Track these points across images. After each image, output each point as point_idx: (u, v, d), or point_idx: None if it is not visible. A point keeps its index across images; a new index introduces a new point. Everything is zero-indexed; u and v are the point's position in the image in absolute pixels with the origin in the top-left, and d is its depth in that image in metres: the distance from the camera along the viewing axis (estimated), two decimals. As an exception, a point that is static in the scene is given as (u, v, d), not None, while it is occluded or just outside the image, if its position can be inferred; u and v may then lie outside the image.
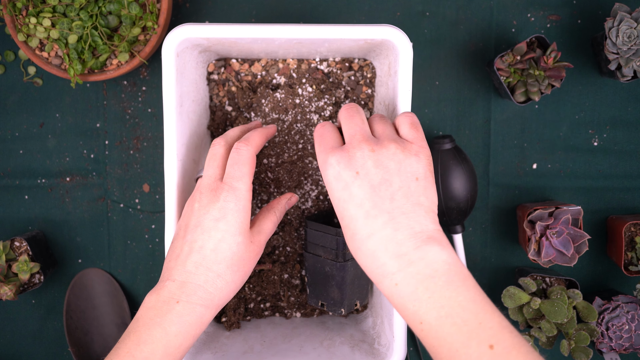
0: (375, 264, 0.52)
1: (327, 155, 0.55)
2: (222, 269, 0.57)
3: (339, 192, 0.54)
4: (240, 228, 0.58)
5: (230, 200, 0.58)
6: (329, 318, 0.82)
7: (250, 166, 0.60)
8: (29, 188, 0.85)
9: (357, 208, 0.53)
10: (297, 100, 0.78)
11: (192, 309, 0.55)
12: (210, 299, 0.56)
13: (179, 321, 0.55)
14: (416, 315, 0.50)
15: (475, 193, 0.81)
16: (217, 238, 0.57)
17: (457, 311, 0.48)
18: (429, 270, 0.50)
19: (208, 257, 0.57)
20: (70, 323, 0.85)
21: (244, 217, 0.58)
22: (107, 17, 0.75)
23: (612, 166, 0.86)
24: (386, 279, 0.51)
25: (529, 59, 0.79)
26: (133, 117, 0.85)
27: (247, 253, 0.59)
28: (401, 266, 0.51)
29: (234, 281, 0.58)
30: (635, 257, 0.81)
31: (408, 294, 0.50)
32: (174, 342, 0.55)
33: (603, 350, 0.80)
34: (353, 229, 0.53)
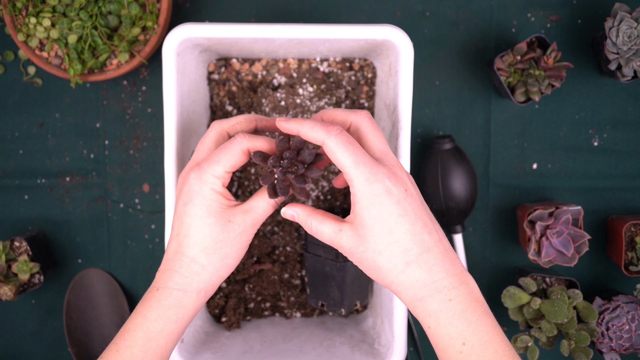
0: (431, 278, 0.52)
1: (373, 167, 0.53)
2: (194, 252, 0.57)
3: (391, 207, 0.52)
4: (210, 209, 0.57)
5: (195, 183, 0.57)
6: (329, 318, 0.82)
7: (233, 156, 0.57)
8: (29, 188, 0.85)
9: (413, 223, 0.53)
10: (297, 100, 0.78)
11: (169, 294, 0.56)
12: (187, 283, 0.56)
13: (157, 306, 0.56)
14: (461, 336, 0.51)
15: (475, 193, 0.81)
16: (187, 223, 0.57)
17: (497, 340, 0.51)
18: (475, 295, 0.53)
19: (182, 243, 0.57)
20: (70, 323, 0.85)
21: (212, 198, 0.57)
22: (107, 17, 0.75)
23: (612, 166, 0.86)
24: (440, 294, 0.52)
25: (529, 59, 0.79)
26: (133, 117, 0.85)
27: (223, 234, 0.57)
28: (455, 283, 0.52)
29: (211, 264, 0.57)
30: (636, 257, 0.81)
31: (459, 312, 0.51)
32: (154, 327, 0.55)
33: (603, 351, 0.80)
34: (408, 244, 0.53)
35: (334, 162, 0.54)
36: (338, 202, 0.81)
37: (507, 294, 0.77)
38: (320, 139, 0.54)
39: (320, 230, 0.56)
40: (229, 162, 0.57)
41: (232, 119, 0.62)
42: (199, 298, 0.57)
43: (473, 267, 0.87)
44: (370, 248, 0.53)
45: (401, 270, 0.53)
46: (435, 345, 0.53)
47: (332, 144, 0.53)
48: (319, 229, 0.56)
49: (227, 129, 0.61)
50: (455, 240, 0.84)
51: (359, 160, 0.53)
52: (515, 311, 0.78)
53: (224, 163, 0.57)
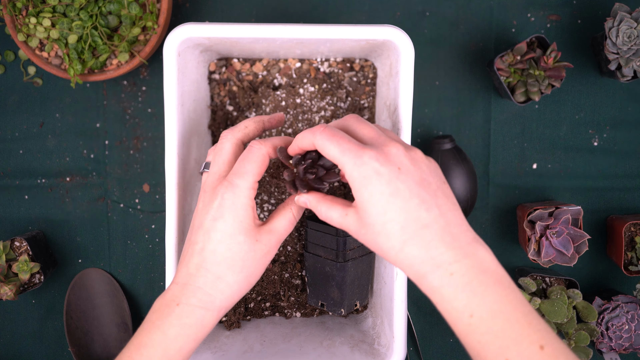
0: (429, 254, 0.51)
1: (357, 152, 0.53)
2: (222, 270, 0.56)
3: (382, 187, 0.52)
4: (240, 227, 0.56)
5: (228, 198, 0.56)
6: (329, 318, 0.82)
7: (258, 165, 0.57)
8: (29, 188, 0.85)
9: (407, 201, 0.52)
10: (298, 100, 0.78)
11: (192, 312, 0.55)
12: (211, 301, 0.55)
13: (178, 324, 0.55)
14: (467, 308, 0.50)
15: (475, 193, 0.81)
16: (216, 239, 0.56)
17: (509, 308, 0.49)
18: (483, 266, 0.51)
19: (208, 258, 0.56)
20: (70, 323, 0.85)
21: (244, 215, 0.56)
22: (107, 17, 0.75)
23: (612, 166, 0.86)
24: (440, 269, 0.51)
25: (529, 59, 0.79)
26: (133, 117, 0.85)
27: (251, 253, 0.57)
28: (457, 257, 0.51)
29: (237, 282, 0.56)
30: (635, 257, 0.81)
31: (462, 285, 0.50)
32: (173, 345, 0.54)
33: (603, 350, 0.80)
34: (403, 222, 0.52)
35: (326, 157, 0.55)
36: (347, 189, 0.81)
37: (507, 294, 0.77)
38: (311, 142, 0.55)
39: (330, 216, 0.57)
40: (256, 170, 0.57)
41: (241, 125, 0.62)
42: (218, 317, 0.56)
43: (473, 267, 0.87)
44: (370, 230, 0.53)
45: (399, 249, 0.52)
46: (447, 320, 0.52)
47: (319, 140, 0.54)
48: (328, 214, 0.57)
49: (241, 138, 0.61)
50: (455, 240, 0.84)
51: (344, 147, 0.53)
52: (515, 311, 0.78)
53: (252, 172, 0.57)
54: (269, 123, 0.63)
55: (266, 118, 0.64)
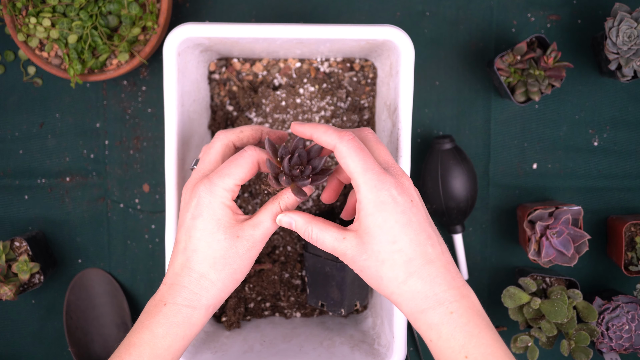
0: (433, 290, 0.52)
1: (380, 175, 0.53)
2: (204, 268, 0.55)
3: (397, 215, 0.52)
4: (219, 225, 0.56)
5: (205, 197, 0.56)
6: (329, 318, 0.82)
7: (244, 170, 0.56)
8: (29, 188, 0.85)
9: (417, 234, 0.53)
10: (298, 100, 0.78)
11: (178, 310, 0.55)
12: (197, 300, 0.55)
13: (165, 322, 0.55)
14: (464, 349, 0.51)
15: (475, 193, 0.81)
16: (197, 237, 0.56)
17: (500, 353, 0.51)
18: (476, 308, 0.53)
19: (191, 257, 0.56)
20: (70, 323, 0.85)
21: (221, 213, 0.56)
22: (107, 17, 0.75)
23: (612, 166, 0.86)
24: (442, 306, 0.52)
25: (529, 59, 0.79)
26: (133, 117, 0.85)
27: (232, 250, 0.56)
28: (456, 297, 0.52)
29: (220, 280, 0.56)
30: (635, 257, 0.81)
31: (461, 325, 0.51)
32: (161, 344, 0.55)
33: (603, 350, 0.80)
34: (411, 254, 0.52)
35: (343, 167, 0.54)
36: (338, 202, 0.81)
37: (507, 294, 0.77)
38: (332, 143, 0.54)
39: (322, 238, 0.55)
40: (239, 175, 0.56)
41: (237, 129, 0.61)
42: (207, 314, 0.57)
43: (473, 267, 0.87)
44: (373, 256, 0.53)
45: (403, 281, 0.52)
46: (438, 358, 0.53)
47: (344, 148, 0.53)
48: (320, 236, 0.56)
49: (234, 140, 0.60)
50: (455, 240, 0.84)
51: (368, 167, 0.53)
52: (515, 311, 0.78)
53: (234, 176, 0.56)
54: (267, 135, 0.62)
55: (266, 130, 0.62)
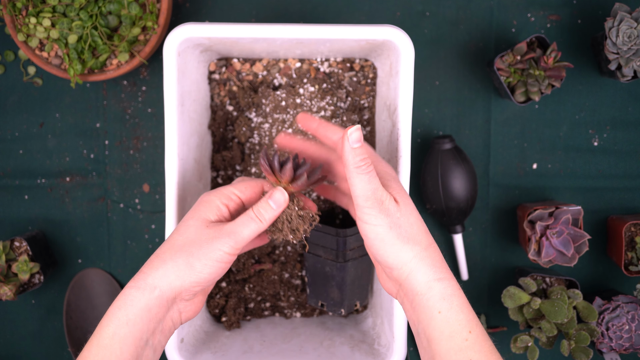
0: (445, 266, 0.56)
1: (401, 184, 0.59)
2: (163, 250, 0.56)
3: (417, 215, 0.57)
4: (199, 216, 0.57)
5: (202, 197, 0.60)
6: (329, 318, 0.82)
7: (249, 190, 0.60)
8: (29, 188, 0.85)
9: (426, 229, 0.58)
10: (298, 100, 0.78)
11: (122, 293, 0.54)
12: (143, 279, 0.54)
13: (110, 310, 0.54)
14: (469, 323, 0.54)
15: (475, 193, 0.81)
16: (175, 228, 0.59)
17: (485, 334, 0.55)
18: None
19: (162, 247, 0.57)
20: (70, 323, 0.85)
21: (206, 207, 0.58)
22: (107, 17, 0.75)
23: (612, 166, 0.86)
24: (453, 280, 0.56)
25: (529, 59, 0.79)
26: (133, 117, 0.85)
27: (195, 235, 0.56)
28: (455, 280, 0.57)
29: (173, 259, 0.55)
30: (636, 257, 0.81)
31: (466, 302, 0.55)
32: (105, 332, 0.53)
33: (603, 350, 0.80)
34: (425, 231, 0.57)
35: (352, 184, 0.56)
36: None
37: (507, 294, 0.77)
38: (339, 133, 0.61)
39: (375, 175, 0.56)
40: (241, 188, 0.59)
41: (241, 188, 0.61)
42: (152, 297, 0.54)
43: (473, 267, 0.87)
44: (406, 217, 0.56)
45: (425, 247, 0.56)
46: (441, 333, 0.53)
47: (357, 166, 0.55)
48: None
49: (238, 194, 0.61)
50: (455, 240, 0.84)
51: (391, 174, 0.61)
52: (515, 311, 0.78)
53: (236, 187, 0.59)
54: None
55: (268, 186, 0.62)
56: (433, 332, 0.54)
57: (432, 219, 0.86)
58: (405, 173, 0.68)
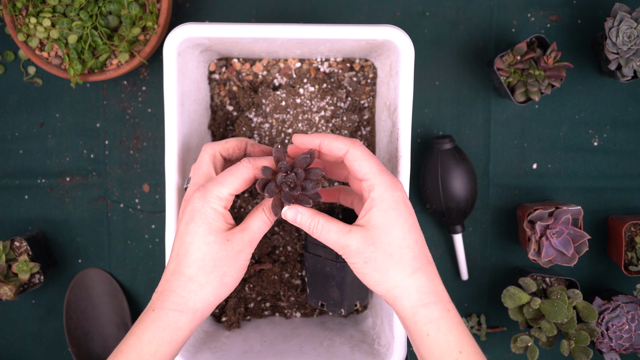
0: (434, 288, 0.56)
1: (394, 178, 0.58)
2: (193, 271, 0.56)
3: (408, 215, 0.57)
4: (210, 228, 0.57)
5: (199, 202, 0.57)
6: (329, 318, 0.82)
7: (239, 180, 0.58)
8: (29, 188, 0.85)
9: (420, 235, 0.57)
10: (298, 100, 0.78)
11: (165, 314, 0.55)
12: (184, 303, 0.56)
13: (151, 327, 0.55)
14: (459, 344, 0.55)
15: (475, 193, 0.81)
16: (188, 241, 0.57)
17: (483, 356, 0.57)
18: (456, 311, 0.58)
19: (181, 262, 0.57)
20: (70, 323, 0.85)
21: (213, 217, 0.57)
22: (107, 17, 0.75)
23: (612, 166, 0.86)
24: (441, 303, 0.56)
25: (529, 59, 0.79)
26: (133, 117, 0.85)
27: (222, 252, 0.57)
28: (449, 298, 0.57)
29: (209, 282, 0.56)
30: (635, 257, 0.81)
31: (456, 322, 0.56)
32: (147, 349, 0.55)
33: (603, 350, 0.80)
34: (417, 252, 0.56)
35: (356, 168, 0.57)
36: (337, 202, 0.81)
37: (507, 294, 0.77)
38: (345, 148, 0.57)
39: (327, 229, 0.57)
40: (233, 185, 0.57)
41: (222, 140, 0.63)
42: (195, 319, 0.57)
43: (473, 267, 0.87)
44: (381, 249, 0.56)
45: (409, 274, 0.56)
46: (431, 354, 0.55)
47: (358, 152, 0.57)
48: (326, 228, 0.57)
49: (219, 150, 0.62)
50: (455, 240, 0.84)
51: (382, 169, 0.57)
52: (515, 311, 0.78)
53: (228, 185, 0.57)
54: (251, 148, 0.64)
55: (251, 142, 0.64)
56: (425, 354, 0.56)
57: (432, 219, 0.86)
58: (405, 173, 0.68)
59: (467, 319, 0.86)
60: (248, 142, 0.64)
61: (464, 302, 0.87)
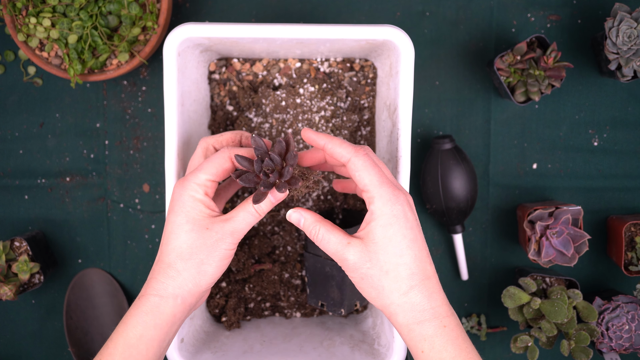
0: (430, 304, 0.55)
1: (395, 190, 0.56)
2: (172, 259, 0.58)
3: (406, 230, 0.55)
4: (188, 216, 0.58)
5: (177, 192, 0.58)
6: (329, 318, 0.82)
7: (216, 165, 0.58)
8: (29, 188, 0.85)
9: (420, 250, 0.56)
10: (298, 100, 0.78)
11: (147, 300, 0.57)
12: (163, 288, 0.57)
13: (135, 312, 0.57)
14: None
15: (475, 193, 0.81)
16: (168, 231, 0.58)
17: None
18: (461, 326, 0.56)
19: (162, 251, 0.59)
20: (70, 323, 0.85)
21: (191, 204, 0.58)
22: (107, 17, 0.75)
23: (612, 166, 0.86)
24: (437, 320, 0.55)
25: (529, 59, 0.79)
26: (133, 117, 0.85)
27: (199, 240, 0.57)
28: (448, 313, 0.56)
29: (186, 269, 0.57)
30: (635, 257, 0.81)
31: (452, 338, 0.55)
32: (132, 333, 0.56)
33: (603, 350, 0.80)
34: (414, 269, 0.55)
35: (357, 179, 0.56)
36: (338, 202, 0.81)
37: (507, 294, 0.77)
38: (347, 156, 0.56)
39: (327, 239, 0.57)
40: (210, 170, 0.58)
41: (218, 134, 0.64)
42: (176, 305, 0.58)
43: (473, 267, 0.87)
44: (377, 266, 0.55)
45: (404, 292, 0.55)
46: None
47: (360, 162, 0.56)
48: (326, 237, 0.57)
49: (213, 143, 0.63)
50: (455, 240, 0.84)
51: (383, 181, 0.55)
52: (515, 311, 0.78)
53: (206, 170, 0.58)
54: (246, 140, 0.65)
55: (246, 134, 0.65)
56: None
57: (432, 219, 0.86)
58: (405, 173, 0.68)
59: (467, 319, 0.86)
60: (243, 134, 0.65)
61: (464, 302, 0.87)
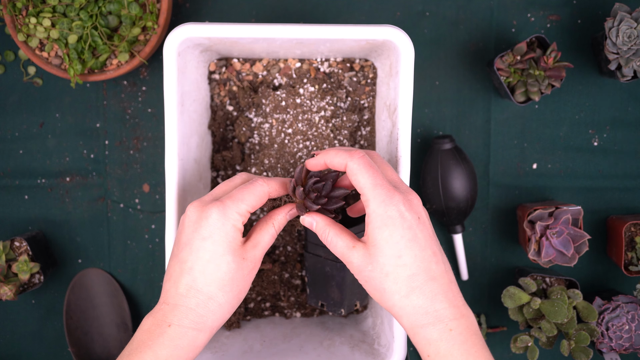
0: (434, 307, 0.54)
1: (389, 191, 0.55)
2: (213, 290, 0.56)
3: (404, 230, 0.54)
4: (229, 247, 0.56)
5: (218, 218, 0.56)
6: (329, 318, 0.82)
7: (256, 198, 0.58)
8: (29, 188, 0.85)
9: (422, 250, 0.54)
10: (298, 100, 0.78)
11: (184, 333, 0.55)
12: (203, 322, 0.56)
13: (170, 345, 0.55)
14: None
15: (475, 193, 0.81)
16: (205, 259, 0.56)
17: None
18: (473, 328, 0.54)
19: (198, 279, 0.56)
20: (70, 323, 0.85)
21: (233, 235, 0.56)
22: (107, 17, 0.75)
23: (612, 166, 0.86)
24: (441, 323, 0.53)
25: (529, 59, 0.79)
26: (133, 117, 0.85)
27: (239, 272, 0.57)
28: (456, 315, 0.54)
29: (228, 302, 0.57)
30: (635, 257, 0.81)
31: (459, 342, 0.53)
32: None
33: (603, 351, 0.80)
34: (415, 269, 0.54)
35: (355, 184, 0.56)
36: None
37: (507, 294, 0.77)
38: (343, 162, 0.56)
39: (335, 242, 0.58)
40: (251, 202, 0.57)
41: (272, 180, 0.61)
42: (211, 336, 0.58)
43: (473, 267, 0.87)
44: (378, 268, 0.55)
45: (405, 295, 0.54)
46: None
47: (354, 165, 0.56)
48: (334, 240, 0.58)
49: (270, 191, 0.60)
50: (455, 240, 0.84)
51: (377, 182, 0.55)
52: (515, 311, 0.78)
53: (247, 202, 0.57)
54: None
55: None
56: None
57: (432, 219, 0.86)
58: (405, 173, 0.68)
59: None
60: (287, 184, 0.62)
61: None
